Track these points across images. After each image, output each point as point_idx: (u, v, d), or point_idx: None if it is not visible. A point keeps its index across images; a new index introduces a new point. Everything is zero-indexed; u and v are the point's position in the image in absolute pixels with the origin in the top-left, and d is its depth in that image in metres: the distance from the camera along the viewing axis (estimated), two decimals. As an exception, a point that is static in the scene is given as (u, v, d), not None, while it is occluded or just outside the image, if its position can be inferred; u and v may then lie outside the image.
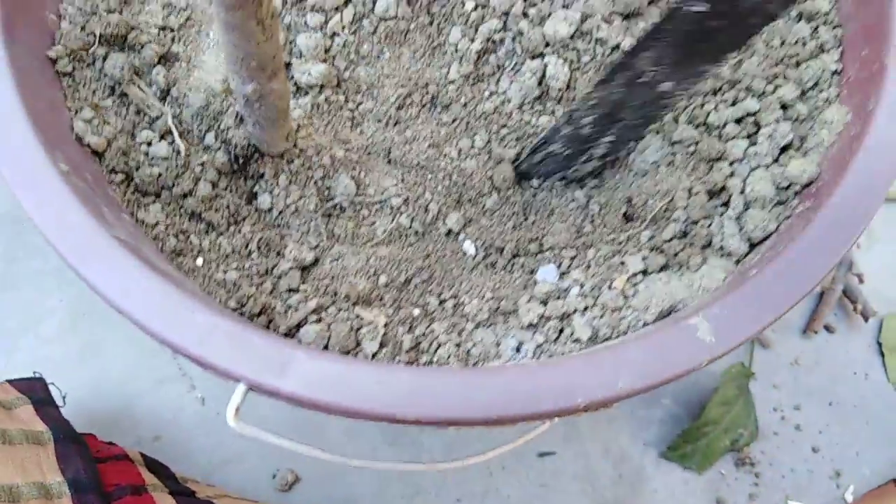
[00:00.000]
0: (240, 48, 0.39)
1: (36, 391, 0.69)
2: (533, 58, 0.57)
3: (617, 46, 0.56)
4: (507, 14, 0.57)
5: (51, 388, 0.71)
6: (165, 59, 0.54)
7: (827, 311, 0.88)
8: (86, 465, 0.58)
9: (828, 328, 0.90)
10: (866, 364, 0.90)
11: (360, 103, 0.57)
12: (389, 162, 0.57)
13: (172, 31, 0.55)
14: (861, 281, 0.91)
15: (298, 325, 0.47)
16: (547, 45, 0.56)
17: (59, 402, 0.71)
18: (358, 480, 0.77)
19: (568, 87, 0.56)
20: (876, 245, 0.93)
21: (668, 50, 0.44)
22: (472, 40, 0.58)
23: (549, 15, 0.56)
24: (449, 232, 0.54)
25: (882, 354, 0.90)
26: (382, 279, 0.49)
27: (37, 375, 0.72)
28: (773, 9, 0.40)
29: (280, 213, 0.53)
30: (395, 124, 0.57)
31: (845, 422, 0.88)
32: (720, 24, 0.41)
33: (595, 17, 0.56)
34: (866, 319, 0.89)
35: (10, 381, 0.68)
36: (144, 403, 0.84)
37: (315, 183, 0.54)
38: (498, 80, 0.58)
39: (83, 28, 0.51)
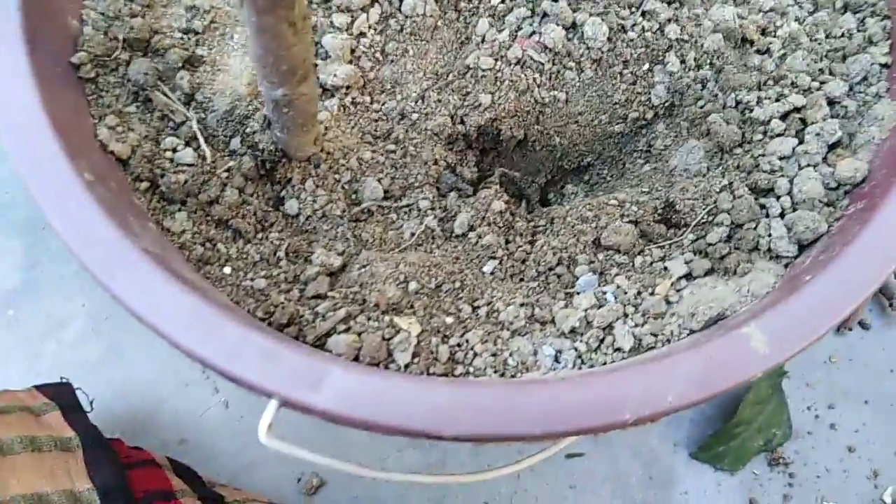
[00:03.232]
0: (270, 52, 0.37)
1: (63, 396, 0.69)
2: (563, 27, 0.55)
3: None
4: (535, 1, 0.55)
5: (78, 392, 0.71)
6: (189, 63, 0.52)
7: (862, 308, 0.86)
8: (115, 471, 0.58)
9: (862, 325, 0.88)
10: (904, 361, 0.88)
11: (385, 103, 0.56)
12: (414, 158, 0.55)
13: (196, 34, 0.53)
14: (896, 277, 0.88)
15: (328, 334, 0.45)
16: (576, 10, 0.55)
17: (86, 407, 0.70)
18: (383, 483, 0.76)
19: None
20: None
21: None
22: (500, 31, 0.56)
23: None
24: (470, 231, 0.52)
25: (921, 350, 0.87)
26: (412, 286, 0.48)
27: (63, 380, 0.71)
28: None
29: (307, 218, 0.52)
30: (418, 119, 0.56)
31: (882, 420, 0.86)
32: None
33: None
34: None
35: (37, 387, 0.68)
36: (169, 407, 0.84)
37: (343, 186, 0.53)
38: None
39: (106, 33, 0.50)
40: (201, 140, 0.51)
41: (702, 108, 0.54)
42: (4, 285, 0.87)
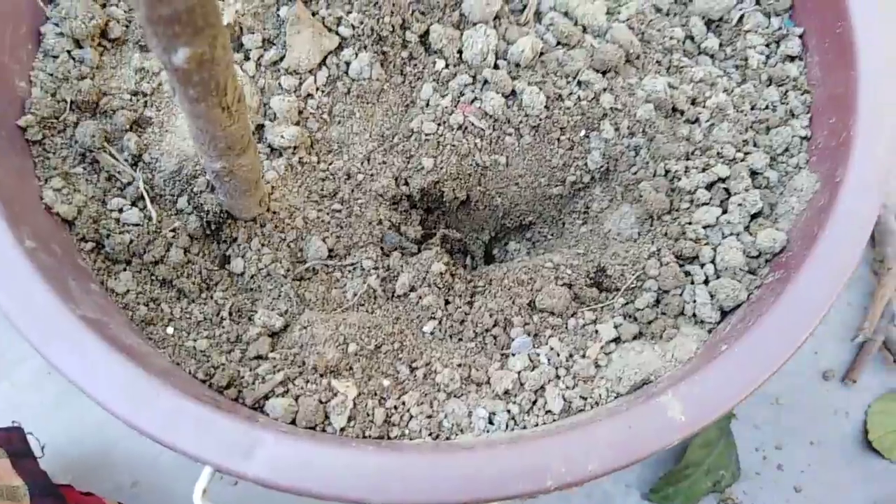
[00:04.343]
0: (206, 132, 0.38)
1: (13, 443, 0.68)
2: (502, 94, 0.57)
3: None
4: (477, 69, 0.57)
5: (29, 438, 0.70)
6: (137, 124, 0.53)
7: (867, 361, 0.88)
8: (62, 520, 0.58)
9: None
10: (846, 403, 0.90)
11: (332, 163, 0.57)
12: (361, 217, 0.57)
13: (145, 95, 0.54)
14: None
15: (266, 397, 0.46)
16: (515, 78, 0.57)
17: (37, 452, 0.70)
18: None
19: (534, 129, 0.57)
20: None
21: None
22: (443, 96, 0.58)
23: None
24: (411, 292, 0.54)
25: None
26: (352, 347, 0.49)
27: (15, 425, 0.71)
28: None
29: (252, 276, 0.53)
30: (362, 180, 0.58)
31: (827, 461, 0.88)
32: None
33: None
34: None
35: (-12, 432, 0.68)
36: (122, 449, 0.83)
37: (288, 245, 0.54)
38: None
39: (54, 95, 0.51)
40: (147, 200, 0.52)
41: (634, 174, 0.56)
42: (-44, 327, 0.86)
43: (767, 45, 0.58)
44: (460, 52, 0.58)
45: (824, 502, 0.86)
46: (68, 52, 0.53)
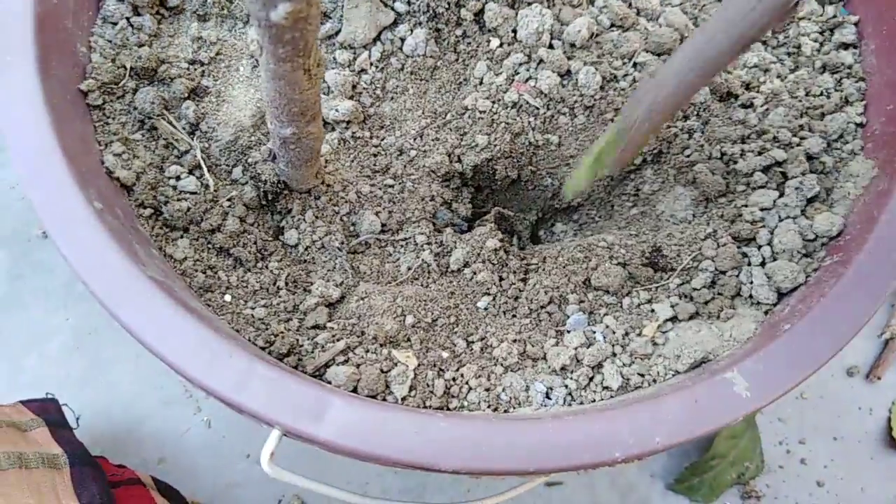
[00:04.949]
0: (284, 95, 0.38)
1: (50, 412, 0.68)
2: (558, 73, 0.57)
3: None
4: (532, 48, 0.58)
5: (64, 409, 0.70)
6: (195, 93, 0.53)
7: (892, 359, 0.88)
8: (102, 490, 0.58)
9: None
10: (870, 399, 0.91)
11: (384, 138, 0.57)
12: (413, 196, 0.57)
13: (203, 65, 0.54)
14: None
15: (327, 365, 0.46)
16: (571, 58, 0.57)
17: (72, 423, 0.70)
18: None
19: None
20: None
21: None
22: (497, 74, 0.58)
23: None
24: (465, 267, 0.54)
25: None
26: (409, 320, 0.49)
27: (49, 396, 0.71)
28: None
29: (306, 248, 0.53)
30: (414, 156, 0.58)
31: (850, 456, 0.88)
32: None
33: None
34: None
35: (23, 402, 0.68)
36: (150, 425, 0.83)
37: (341, 219, 0.54)
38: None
39: (114, 61, 0.51)
40: (205, 169, 0.52)
41: (688, 157, 0.56)
42: (-14, 297, 0.86)
43: (821, 33, 0.59)
44: (514, 31, 0.58)
45: (846, 497, 0.87)
46: (127, 18, 0.53)
